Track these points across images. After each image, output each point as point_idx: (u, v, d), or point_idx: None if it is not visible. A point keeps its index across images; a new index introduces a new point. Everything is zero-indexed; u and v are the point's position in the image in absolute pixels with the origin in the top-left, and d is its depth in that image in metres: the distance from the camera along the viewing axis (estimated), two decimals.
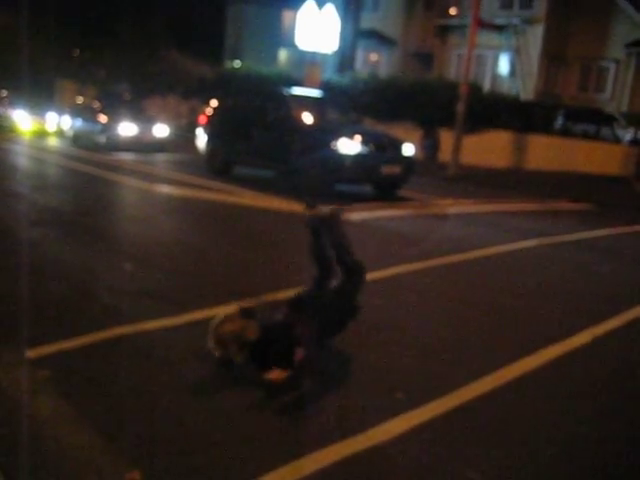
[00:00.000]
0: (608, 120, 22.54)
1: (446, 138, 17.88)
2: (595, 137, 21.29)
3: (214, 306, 4.90)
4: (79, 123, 19.02)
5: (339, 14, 20.53)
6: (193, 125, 18.29)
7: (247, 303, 4.02)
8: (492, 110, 19.05)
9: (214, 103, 14.53)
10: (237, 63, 29.88)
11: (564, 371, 4.34)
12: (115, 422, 3.24)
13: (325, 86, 18.10)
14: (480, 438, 3.36)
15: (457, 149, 16.39)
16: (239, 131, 12.66)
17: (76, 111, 20.45)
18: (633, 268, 7.90)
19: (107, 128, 17.08)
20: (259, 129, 12.18)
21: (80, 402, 3.42)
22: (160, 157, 15.99)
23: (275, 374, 3.68)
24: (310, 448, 3.10)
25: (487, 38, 24.91)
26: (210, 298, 5.17)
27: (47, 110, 23.36)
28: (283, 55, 34.29)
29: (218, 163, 13.11)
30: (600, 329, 5.24)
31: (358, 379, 3.97)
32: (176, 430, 3.19)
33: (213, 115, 13.84)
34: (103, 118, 17.58)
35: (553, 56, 27.09)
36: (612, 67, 26.89)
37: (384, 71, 27.26)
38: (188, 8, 33.55)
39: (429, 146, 18.83)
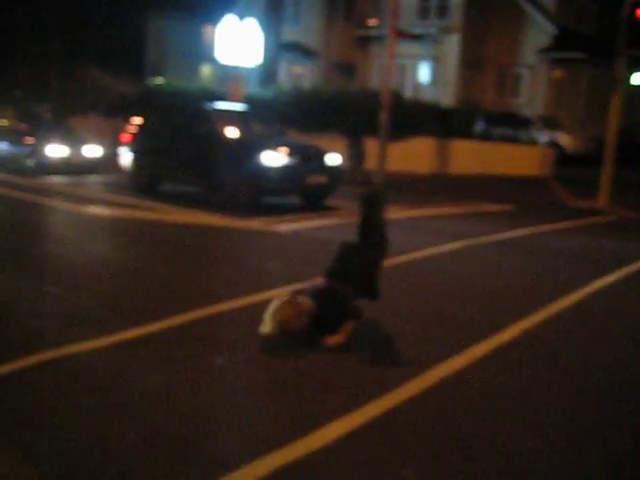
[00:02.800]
0: (524, 123, 23.31)
1: (371, 146, 18.15)
2: (513, 140, 21.98)
3: (141, 325, 4.88)
4: (4, 146, 18.32)
5: (260, 27, 20.61)
6: (116, 144, 18.02)
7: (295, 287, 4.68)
8: (414, 118, 19.44)
9: (137, 120, 14.39)
10: (159, 79, 29.57)
11: (492, 369, 4.49)
12: (41, 450, 3.19)
13: (249, 100, 18.11)
14: (414, 437, 3.45)
15: (382, 157, 16.67)
16: (163, 148, 12.58)
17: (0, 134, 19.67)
18: (552, 265, 8.20)
19: (35, 151, 16.55)
20: (183, 145, 12.13)
21: (4, 432, 3.35)
22: (91, 178, 15.69)
23: (334, 340, 4.59)
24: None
25: (406, 47, 25.41)
26: (136, 317, 5.13)
27: None
28: (206, 70, 34.17)
29: (143, 181, 12.98)
30: (526, 323, 5.44)
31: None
32: (103, 456, 3.16)
33: (136, 133, 13.70)
34: (30, 140, 17.05)
35: (470, 63, 27.87)
36: (526, 73, 27.86)
37: (307, 83, 27.49)
38: (107, 25, 33.08)
39: (354, 155, 19.06)
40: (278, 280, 6.41)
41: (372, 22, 28.87)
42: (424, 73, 28.23)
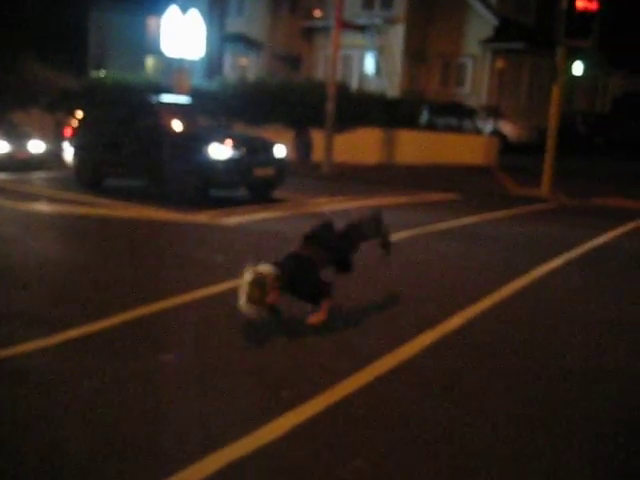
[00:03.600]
0: (469, 113, 23.65)
1: (318, 138, 18.17)
2: (458, 130, 22.29)
3: (88, 323, 4.83)
4: None
5: (204, 19, 20.42)
6: (58, 139, 17.63)
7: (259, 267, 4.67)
8: (361, 108, 19.53)
9: (79, 114, 14.12)
10: (102, 72, 29.03)
11: (438, 356, 4.58)
12: None
13: (194, 92, 17.94)
14: (366, 426, 3.50)
15: (329, 148, 16.72)
16: (108, 142, 12.37)
17: None
18: (497, 252, 8.38)
19: None
20: (128, 139, 11.95)
21: None
22: (35, 174, 15.29)
23: (316, 319, 4.87)
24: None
25: (352, 38, 25.48)
26: (83, 315, 5.07)
27: None
28: (150, 62, 33.68)
29: (88, 176, 12.75)
30: (472, 311, 5.56)
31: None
32: (54, 458, 3.13)
33: (79, 127, 13.44)
34: None
35: (415, 54, 28.10)
36: (469, 63, 28.24)
37: (253, 74, 27.34)
38: (47, 17, 32.26)
39: (302, 146, 19.07)
40: (226, 274, 6.40)
41: (317, 13, 28.86)
42: (369, 64, 28.36)
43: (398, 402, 3.80)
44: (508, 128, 26.02)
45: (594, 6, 14.15)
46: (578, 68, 17.07)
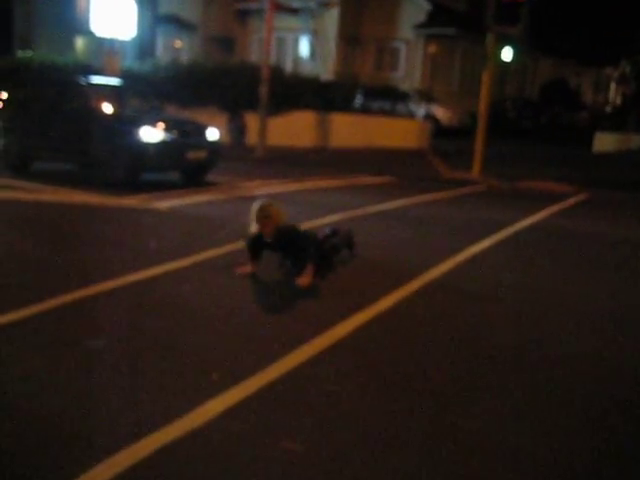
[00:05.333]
0: (402, 97, 23.90)
1: (252, 121, 18.09)
2: (391, 114, 22.51)
3: (17, 309, 4.72)
4: None
5: None
6: None
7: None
8: (295, 91, 19.51)
9: (4, 95, 13.67)
10: (29, 52, 28.12)
11: (371, 336, 4.65)
12: None
13: (125, 74, 17.59)
14: (296, 408, 3.53)
15: (263, 131, 16.66)
16: (35, 124, 12.01)
17: None
18: (429, 234, 8.53)
19: None
20: (57, 121, 11.63)
21: None
22: None
23: (305, 280, 5.61)
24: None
25: (286, 21, 25.40)
26: (11, 302, 4.95)
27: None
28: (80, 43, 32.79)
29: (13, 159, 12.37)
30: (403, 291, 5.65)
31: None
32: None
33: (4, 108, 13.03)
34: None
35: (349, 38, 28.19)
36: (403, 47, 28.49)
37: (186, 56, 26.96)
38: None
39: (235, 130, 18.95)
40: (158, 258, 6.34)
41: None
42: (304, 47, 28.31)
43: (328, 384, 3.85)
44: (440, 112, 26.43)
45: None
46: (507, 54, 17.45)
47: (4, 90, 14.58)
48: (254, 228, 5.82)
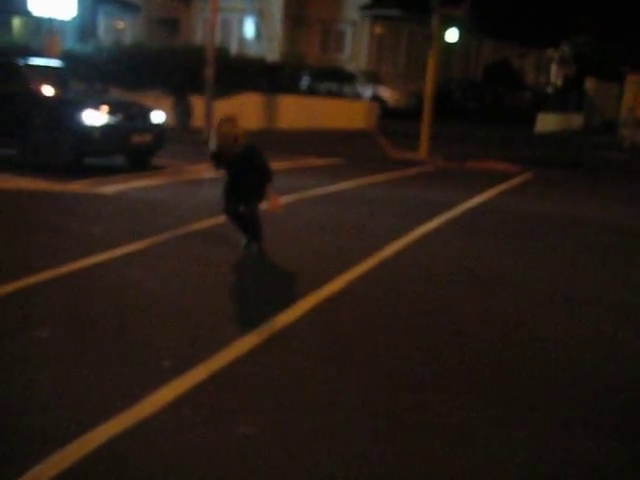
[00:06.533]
0: (349, 78, 23.91)
1: (198, 104, 17.85)
2: (338, 95, 22.50)
3: None
4: None
5: None
6: None
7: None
8: (241, 73, 19.32)
9: None
10: None
11: (321, 320, 4.65)
12: None
13: (67, 56, 17.14)
14: (249, 394, 3.51)
15: (209, 114, 16.47)
16: None
17: None
18: (378, 214, 8.58)
19: None
20: None
21: None
22: None
23: (276, 204, 5.92)
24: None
25: (231, 2, 25.08)
26: None
27: None
28: (17, 23, 31.80)
29: None
30: (352, 274, 5.67)
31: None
32: None
33: None
34: None
35: (295, 19, 28.01)
36: (349, 29, 28.46)
37: (129, 38, 26.42)
38: None
39: (181, 113, 18.68)
40: (103, 244, 6.22)
41: None
42: (249, 28, 28.03)
43: (281, 368, 3.84)
44: (387, 94, 26.53)
45: None
46: (452, 35, 17.57)
47: None
48: (214, 143, 5.79)
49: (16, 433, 3.01)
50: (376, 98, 24.17)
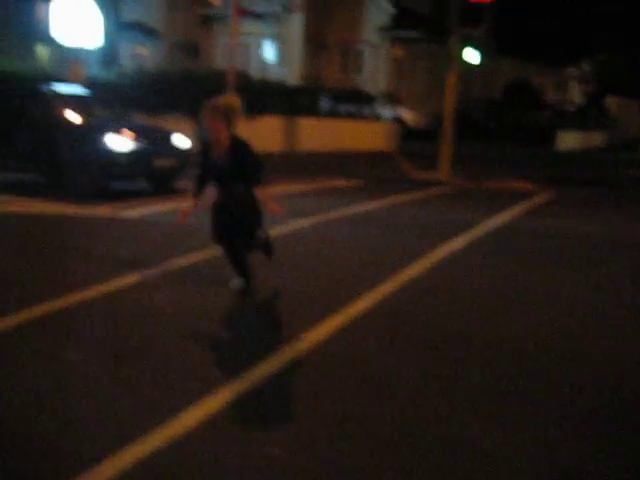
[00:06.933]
0: (369, 100, 24.03)
1: None
2: (358, 117, 22.61)
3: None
4: None
5: (98, 6, 19.83)
6: None
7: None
8: (261, 96, 19.50)
9: None
10: None
11: (349, 339, 4.66)
12: None
13: (90, 82, 17.42)
14: (277, 415, 3.53)
15: None
16: None
17: None
18: (401, 235, 8.58)
19: None
20: (20, 130, 11.48)
21: None
22: None
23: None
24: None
25: (251, 26, 25.36)
26: None
27: None
28: (41, 51, 32.42)
29: None
30: (378, 293, 5.68)
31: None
32: None
33: None
34: None
35: (314, 42, 28.25)
36: (368, 51, 28.63)
37: (151, 63, 26.79)
38: None
39: (202, 136, 18.86)
40: (130, 267, 6.30)
41: (214, 1, 28.51)
42: (269, 52, 28.31)
43: (314, 387, 3.86)
44: (407, 114, 26.60)
45: None
46: (473, 57, 17.64)
47: None
48: (202, 136, 5.41)
49: (48, 454, 3.06)
50: (396, 119, 24.24)
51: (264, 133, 19.61)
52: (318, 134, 20.45)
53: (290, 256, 7.05)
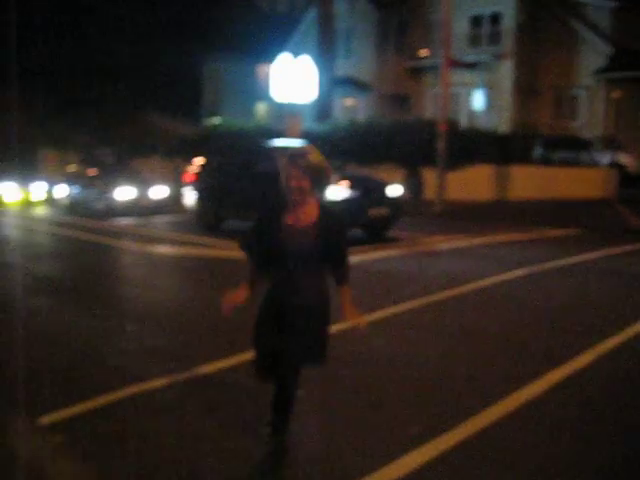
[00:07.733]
0: (584, 145, 23.00)
1: (429, 176, 18.16)
2: (574, 163, 21.69)
3: (221, 358, 4.99)
4: (76, 190, 18.72)
5: (314, 63, 20.99)
6: (178, 184, 18.42)
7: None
8: (471, 145, 19.38)
9: (199, 161, 14.72)
10: (217, 119, 30.25)
11: (568, 394, 4.44)
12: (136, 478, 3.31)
13: (306, 135, 18.37)
14: (494, 465, 3.44)
15: (441, 186, 16.66)
16: (227, 186, 12.82)
17: (72, 179, 20.08)
18: (626, 287, 8.04)
19: (104, 193, 16.91)
20: (247, 183, 12.34)
21: (98, 463, 3.49)
22: (158, 219, 15.93)
23: (356, 317, 3.70)
24: None
25: (460, 76, 25.42)
26: (213, 351, 5.25)
27: (31, 180, 23.10)
28: (261, 108, 34.81)
29: (209, 219, 13.24)
30: (603, 347, 5.36)
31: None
32: None
33: (200, 172, 14.01)
34: (100, 184, 17.42)
35: (525, 88, 27.69)
36: (583, 94, 27.52)
37: (362, 115, 27.72)
38: (167, 71, 34.04)
39: (413, 185, 19.09)
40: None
41: (423, 52, 29.00)
42: (478, 100, 28.18)
43: (531, 442, 3.71)
44: (627, 159, 25.08)
45: None
46: None
47: (199, 156, 15.67)
48: (268, 202, 3.75)
49: None
50: (615, 165, 22.95)
51: (474, 182, 19.44)
52: (530, 182, 19.86)
53: (507, 306, 6.86)
